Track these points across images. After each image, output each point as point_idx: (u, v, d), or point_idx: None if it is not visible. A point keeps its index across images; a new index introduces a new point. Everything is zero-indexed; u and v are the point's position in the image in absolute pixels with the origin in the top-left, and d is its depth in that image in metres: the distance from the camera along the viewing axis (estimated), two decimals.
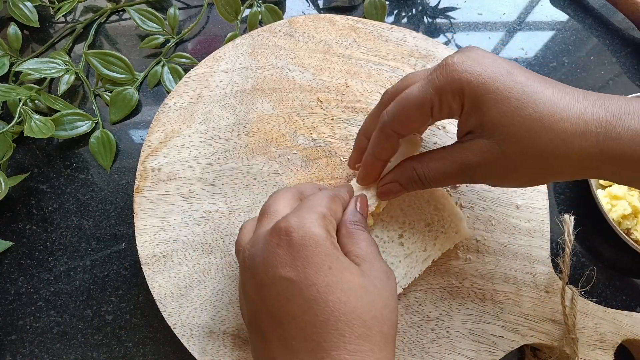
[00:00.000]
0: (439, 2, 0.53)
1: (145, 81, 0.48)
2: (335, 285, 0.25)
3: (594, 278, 0.40)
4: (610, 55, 0.50)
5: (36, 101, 0.46)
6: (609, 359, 0.34)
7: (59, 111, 0.45)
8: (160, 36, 0.49)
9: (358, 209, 0.30)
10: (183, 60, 0.48)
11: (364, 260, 0.27)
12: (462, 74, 0.27)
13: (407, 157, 0.32)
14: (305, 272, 0.25)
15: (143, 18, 0.49)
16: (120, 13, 0.52)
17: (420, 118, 0.29)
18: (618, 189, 0.41)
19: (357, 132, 0.34)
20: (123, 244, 0.42)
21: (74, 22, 0.51)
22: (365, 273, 0.26)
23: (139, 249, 0.36)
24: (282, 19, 0.49)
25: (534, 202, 0.38)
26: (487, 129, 0.27)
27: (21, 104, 0.43)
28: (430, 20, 0.52)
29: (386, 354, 0.25)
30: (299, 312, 0.24)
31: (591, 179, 0.41)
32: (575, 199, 0.44)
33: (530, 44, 0.51)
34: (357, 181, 0.33)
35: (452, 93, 0.27)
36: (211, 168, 0.38)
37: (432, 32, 0.51)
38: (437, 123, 0.39)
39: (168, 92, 0.47)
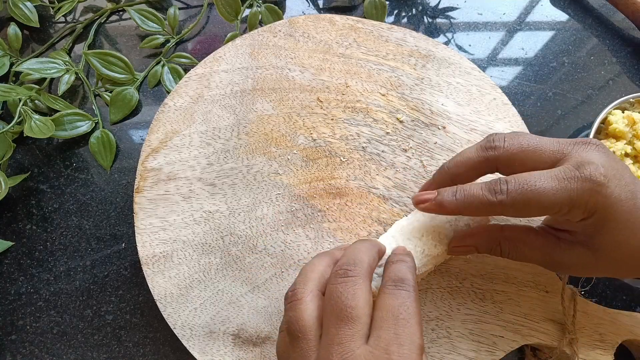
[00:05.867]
0: (439, 2, 0.53)
1: (145, 81, 0.48)
2: None
3: (594, 278, 0.40)
4: (610, 55, 0.50)
5: (36, 101, 0.46)
6: (609, 359, 0.34)
7: (59, 111, 0.45)
8: (160, 36, 0.49)
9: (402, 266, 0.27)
10: (183, 60, 0.48)
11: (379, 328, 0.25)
12: (606, 199, 0.26)
13: (491, 225, 0.32)
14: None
15: (143, 18, 0.49)
16: (120, 13, 0.52)
17: (541, 214, 0.28)
18: None
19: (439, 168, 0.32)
20: (123, 244, 0.42)
21: (74, 22, 0.51)
22: (371, 343, 0.24)
23: (139, 249, 0.36)
24: (282, 19, 0.49)
25: None
26: (595, 245, 0.28)
27: (21, 104, 0.43)
28: (430, 20, 0.52)
29: None
30: None
31: None
32: None
33: (530, 44, 0.51)
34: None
35: (584, 210, 0.27)
36: (211, 168, 0.38)
37: (432, 32, 0.51)
38: (437, 123, 0.39)
39: (168, 92, 0.47)
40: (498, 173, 0.30)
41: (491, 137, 0.29)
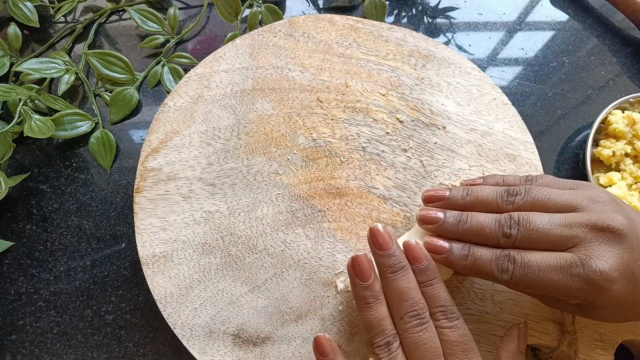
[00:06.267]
0: (439, 2, 0.53)
1: (145, 81, 0.48)
2: None
3: None
4: (610, 55, 0.50)
5: (36, 101, 0.46)
6: (609, 359, 0.34)
7: (59, 111, 0.45)
8: (160, 36, 0.49)
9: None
10: (183, 60, 0.48)
11: None
12: (606, 298, 0.26)
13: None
14: None
15: (143, 18, 0.49)
16: (120, 13, 0.52)
17: (539, 293, 0.29)
18: (618, 189, 0.41)
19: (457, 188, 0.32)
20: (123, 244, 0.42)
21: (74, 22, 0.51)
22: None
23: (139, 249, 0.36)
24: (282, 19, 0.49)
25: None
26: (586, 312, 0.29)
27: (21, 104, 0.43)
28: (430, 20, 0.52)
29: None
30: None
31: (590, 176, 0.41)
32: None
33: (530, 44, 0.51)
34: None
35: (582, 300, 0.27)
36: (211, 168, 0.38)
37: (432, 32, 0.51)
38: (437, 123, 0.39)
39: (168, 92, 0.47)
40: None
41: (508, 221, 0.28)
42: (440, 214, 0.30)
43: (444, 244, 0.29)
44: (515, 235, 0.28)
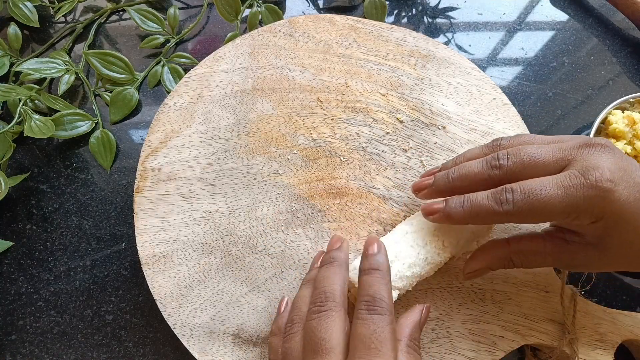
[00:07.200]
0: (439, 2, 0.53)
1: (145, 81, 0.48)
2: None
3: (594, 278, 0.40)
4: (610, 55, 0.50)
5: (36, 101, 0.46)
6: (609, 359, 0.34)
7: (59, 111, 0.45)
8: (160, 36, 0.49)
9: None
10: (183, 60, 0.48)
11: None
12: (614, 204, 0.26)
13: (496, 241, 0.32)
14: None
15: (143, 18, 0.49)
16: (120, 13, 0.52)
17: (548, 221, 0.28)
18: None
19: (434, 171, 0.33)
20: (123, 244, 0.42)
21: (74, 22, 0.51)
22: None
23: (139, 249, 0.36)
24: (282, 19, 0.49)
25: None
26: (604, 245, 0.28)
27: (21, 104, 0.43)
28: (430, 20, 0.52)
29: None
30: None
31: None
32: None
33: (530, 44, 0.51)
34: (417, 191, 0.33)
35: (592, 216, 0.26)
36: (211, 168, 0.38)
37: (432, 32, 0.51)
38: (437, 123, 0.39)
39: (168, 92, 0.47)
40: None
41: (496, 155, 0.29)
42: (431, 178, 0.32)
43: (439, 202, 0.30)
44: (507, 164, 0.28)
